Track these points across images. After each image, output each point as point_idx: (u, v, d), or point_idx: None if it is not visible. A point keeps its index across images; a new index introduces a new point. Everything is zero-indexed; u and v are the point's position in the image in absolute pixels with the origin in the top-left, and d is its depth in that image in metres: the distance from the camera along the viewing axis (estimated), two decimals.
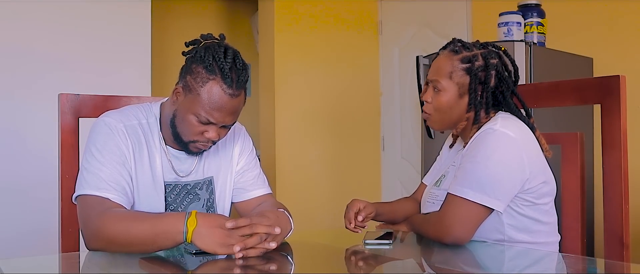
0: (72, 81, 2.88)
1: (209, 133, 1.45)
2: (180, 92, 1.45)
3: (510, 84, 1.55)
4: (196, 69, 1.41)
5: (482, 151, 1.45)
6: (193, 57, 1.44)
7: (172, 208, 1.54)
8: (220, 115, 1.42)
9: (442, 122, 1.59)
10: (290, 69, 3.90)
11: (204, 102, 1.40)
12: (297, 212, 4.06)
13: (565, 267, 1.41)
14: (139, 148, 1.50)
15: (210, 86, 1.39)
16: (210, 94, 1.39)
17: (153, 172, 1.51)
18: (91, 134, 1.49)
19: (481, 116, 1.54)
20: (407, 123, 3.96)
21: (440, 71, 1.55)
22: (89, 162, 1.44)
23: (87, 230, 1.36)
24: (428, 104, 1.59)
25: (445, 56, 1.57)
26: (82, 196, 1.41)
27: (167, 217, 1.28)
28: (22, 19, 2.85)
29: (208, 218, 1.26)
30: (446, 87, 1.54)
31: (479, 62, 1.53)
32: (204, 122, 1.43)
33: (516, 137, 1.45)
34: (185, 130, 1.46)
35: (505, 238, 1.49)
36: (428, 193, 1.64)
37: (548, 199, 1.53)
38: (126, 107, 1.57)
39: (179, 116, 1.46)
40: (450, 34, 3.63)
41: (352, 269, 1.36)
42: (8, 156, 2.80)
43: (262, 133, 4.03)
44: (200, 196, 1.59)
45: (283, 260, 1.40)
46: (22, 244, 2.68)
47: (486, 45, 1.58)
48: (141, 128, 1.52)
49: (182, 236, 1.24)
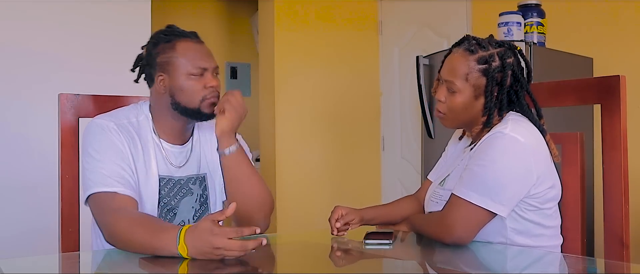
0: (72, 81, 2.88)
1: (208, 81, 1.54)
2: (163, 75, 1.54)
3: (524, 84, 1.51)
4: (159, 50, 1.55)
5: (490, 155, 1.42)
6: (147, 50, 1.58)
7: (165, 201, 1.56)
8: (204, 59, 1.54)
9: (457, 121, 1.56)
10: (290, 69, 3.90)
11: (188, 58, 1.53)
12: (297, 212, 4.05)
13: (566, 267, 1.41)
14: (133, 144, 1.53)
15: (181, 46, 1.54)
16: (186, 49, 1.54)
17: (147, 167, 1.53)
18: (85, 137, 1.52)
19: (494, 116, 1.50)
20: (407, 123, 3.95)
21: (456, 71, 1.50)
22: (89, 163, 1.46)
23: (103, 228, 1.41)
24: (442, 103, 1.54)
25: (460, 55, 1.50)
26: (91, 196, 1.44)
27: (162, 234, 1.28)
28: (22, 19, 2.85)
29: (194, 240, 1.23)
30: (461, 89, 1.49)
31: (496, 62, 1.48)
32: (198, 74, 1.53)
33: (525, 141, 1.42)
34: (190, 95, 1.53)
35: (507, 241, 1.48)
36: (432, 192, 1.63)
37: (553, 203, 1.51)
38: (114, 110, 1.62)
39: (176, 92, 1.53)
40: (450, 34, 3.64)
41: (351, 270, 1.36)
42: (8, 155, 2.80)
43: (262, 133, 4.03)
44: (193, 191, 1.61)
45: (283, 260, 1.41)
46: (22, 244, 2.68)
47: (502, 43, 1.52)
48: (131, 126, 1.56)
49: (178, 255, 1.25)
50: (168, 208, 1.56)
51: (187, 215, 1.60)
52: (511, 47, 1.53)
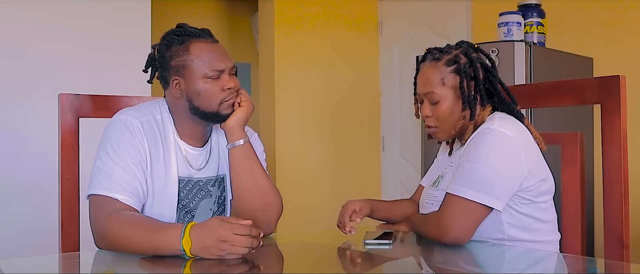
0: (72, 81, 2.88)
1: (226, 82, 1.50)
2: (178, 79, 1.50)
3: (495, 73, 1.56)
4: (172, 52, 1.49)
5: (480, 150, 1.45)
6: (160, 52, 1.52)
7: (184, 203, 1.54)
8: (220, 60, 1.49)
9: (448, 130, 1.56)
10: (290, 69, 3.90)
11: (202, 60, 1.47)
12: (297, 212, 4.05)
13: (566, 267, 1.41)
14: (155, 144, 1.50)
15: (195, 48, 1.48)
16: (200, 51, 1.48)
17: (167, 168, 1.51)
18: (106, 131, 1.49)
19: (477, 110, 1.53)
20: (407, 123, 3.95)
21: (431, 81, 1.54)
22: (103, 161, 1.44)
23: (95, 230, 1.39)
24: (429, 118, 1.57)
25: (428, 67, 1.56)
26: (92, 195, 1.42)
27: (165, 231, 1.28)
28: (22, 19, 2.85)
29: (201, 233, 1.24)
30: (443, 95, 1.53)
31: (463, 60, 1.54)
32: (215, 77, 1.48)
33: (514, 136, 1.45)
34: (208, 98, 1.49)
35: (505, 236, 1.49)
36: (426, 194, 1.64)
37: (547, 197, 1.53)
38: (141, 104, 1.59)
39: (194, 96, 1.49)
40: (450, 34, 3.64)
41: (351, 269, 1.36)
42: (8, 156, 2.80)
43: (262, 133, 4.03)
44: (211, 192, 1.59)
45: (283, 260, 1.41)
46: (22, 244, 2.68)
47: (461, 44, 1.58)
48: (156, 123, 1.53)
49: (180, 252, 1.25)
50: (186, 209, 1.55)
51: (205, 217, 1.57)
52: (470, 44, 1.58)
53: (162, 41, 1.53)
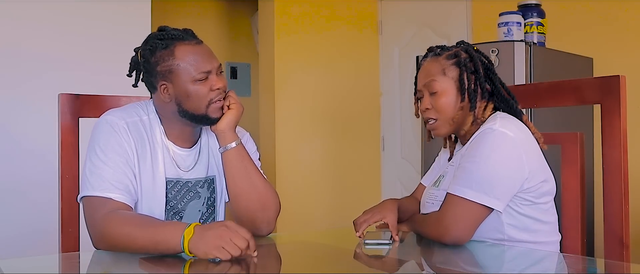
0: (72, 81, 2.88)
1: (214, 83, 1.49)
2: (166, 84, 1.49)
3: (494, 71, 1.57)
4: (157, 57, 1.48)
5: (481, 151, 1.45)
6: (144, 57, 1.51)
7: (172, 204, 1.54)
8: (206, 61, 1.48)
9: (449, 123, 1.55)
10: (290, 69, 3.90)
11: (188, 63, 1.46)
12: (297, 212, 4.05)
13: (566, 267, 1.41)
14: (142, 144, 1.51)
15: (180, 51, 1.47)
16: (185, 54, 1.47)
17: (154, 169, 1.51)
18: (94, 133, 1.49)
19: (478, 106, 1.53)
20: (407, 123, 3.95)
21: (432, 72, 1.55)
22: (92, 163, 1.45)
23: (93, 231, 1.39)
24: (429, 110, 1.56)
25: (430, 61, 1.58)
26: (86, 197, 1.42)
27: (167, 226, 1.29)
28: (22, 19, 2.85)
29: (204, 229, 1.26)
30: (443, 85, 1.53)
31: (464, 55, 1.56)
32: (203, 79, 1.48)
33: (515, 136, 1.45)
34: (197, 100, 1.48)
35: (505, 237, 1.49)
36: (427, 194, 1.64)
37: (548, 198, 1.52)
38: (127, 105, 1.59)
39: (183, 100, 1.48)
40: (450, 34, 3.64)
41: (351, 269, 1.36)
42: (8, 156, 2.80)
43: (262, 133, 4.03)
44: (200, 194, 1.59)
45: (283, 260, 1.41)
46: (22, 244, 2.68)
47: (459, 44, 1.60)
48: (142, 124, 1.53)
49: (180, 247, 1.25)
50: (175, 210, 1.55)
51: (193, 218, 1.57)
52: (468, 44, 1.60)
53: (145, 46, 1.52)
